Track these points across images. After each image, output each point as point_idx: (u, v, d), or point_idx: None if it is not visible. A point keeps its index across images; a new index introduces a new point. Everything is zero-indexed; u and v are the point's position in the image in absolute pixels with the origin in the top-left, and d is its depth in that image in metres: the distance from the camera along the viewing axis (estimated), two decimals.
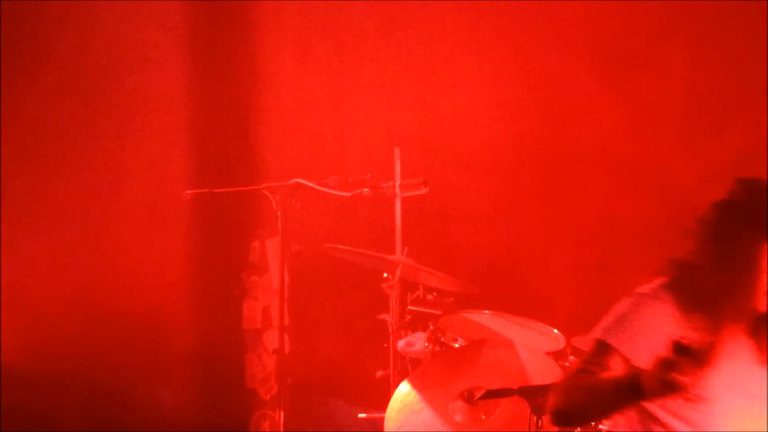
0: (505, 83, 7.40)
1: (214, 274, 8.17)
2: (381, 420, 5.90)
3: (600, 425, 5.83)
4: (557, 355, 5.98)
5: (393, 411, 5.82)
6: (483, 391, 5.20)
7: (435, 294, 6.56)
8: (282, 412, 6.71)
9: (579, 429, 5.79)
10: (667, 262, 4.23)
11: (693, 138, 7.08)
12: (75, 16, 8.03)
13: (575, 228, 7.26)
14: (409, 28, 7.65)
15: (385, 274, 6.39)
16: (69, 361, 7.93)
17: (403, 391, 5.88)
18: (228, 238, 8.11)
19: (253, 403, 8.11)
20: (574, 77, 7.25)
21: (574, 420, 4.32)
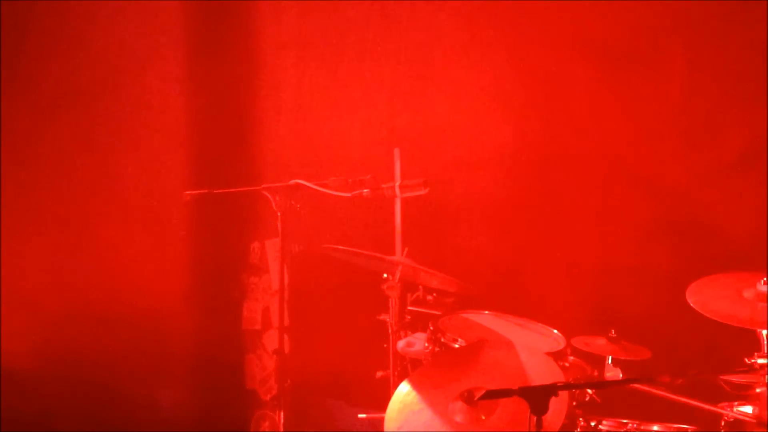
0: (504, 84, 7.39)
1: (214, 275, 8.17)
2: (381, 420, 5.89)
3: (600, 425, 5.84)
4: (557, 355, 5.98)
5: (393, 411, 5.82)
6: (483, 392, 5.18)
7: (435, 294, 6.55)
8: (282, 413, 6.72)
9: (579, 429, 5.80)
10: None
11: (693, 138, 7.08)
12: (75, 16, 8.04)
13: (575, 228, 7.26)
14: (409, 28, 7.65)
15: (385, 275, 6.39)
16: (69, 361, 7.93)
17: (403, 391, 5.87)
18: (228, 239, 8.11)
19: (253, 403, 8.11)
20: (573, 77, 7.25)
21: None
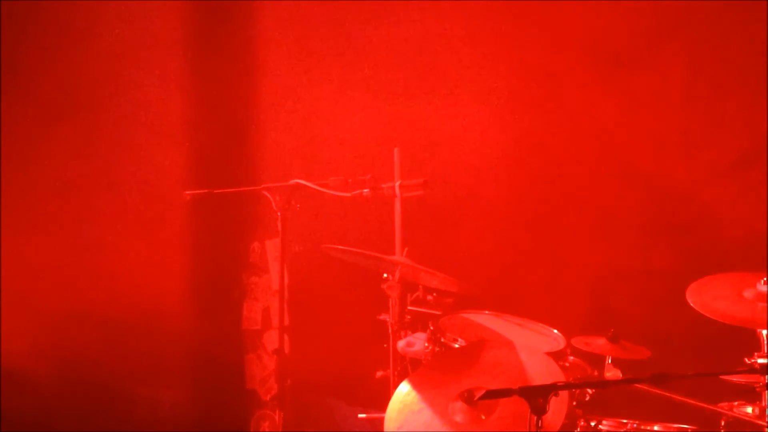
0: (505, 84, 7.39)
1: (214, 274, 8.17)
2: (381, 420, 5.89)
3: (600, 425, 5.84)
4: (557, 355, 5.98)
5: (393, 411, 5.82)
6: (483, 391, 5.18)
7: (435, 294, 6.54)
8: (282, 413, 6.72)
9: (579, 429, 5.80)
10: None
11: (693, 138, 7.08)
12: (75, 17, 8.03)
13: (575, 228, 7.26)
14: (409, 28, 7.64)
15: (384, 275, 6.38)
16: (69, 361, 7.93)
17: (403, 391, 5.87)
18: (228, 239, 8.11)
19: (253, 403, 8.11)
20: (574, 77, 7.25)
21: None
